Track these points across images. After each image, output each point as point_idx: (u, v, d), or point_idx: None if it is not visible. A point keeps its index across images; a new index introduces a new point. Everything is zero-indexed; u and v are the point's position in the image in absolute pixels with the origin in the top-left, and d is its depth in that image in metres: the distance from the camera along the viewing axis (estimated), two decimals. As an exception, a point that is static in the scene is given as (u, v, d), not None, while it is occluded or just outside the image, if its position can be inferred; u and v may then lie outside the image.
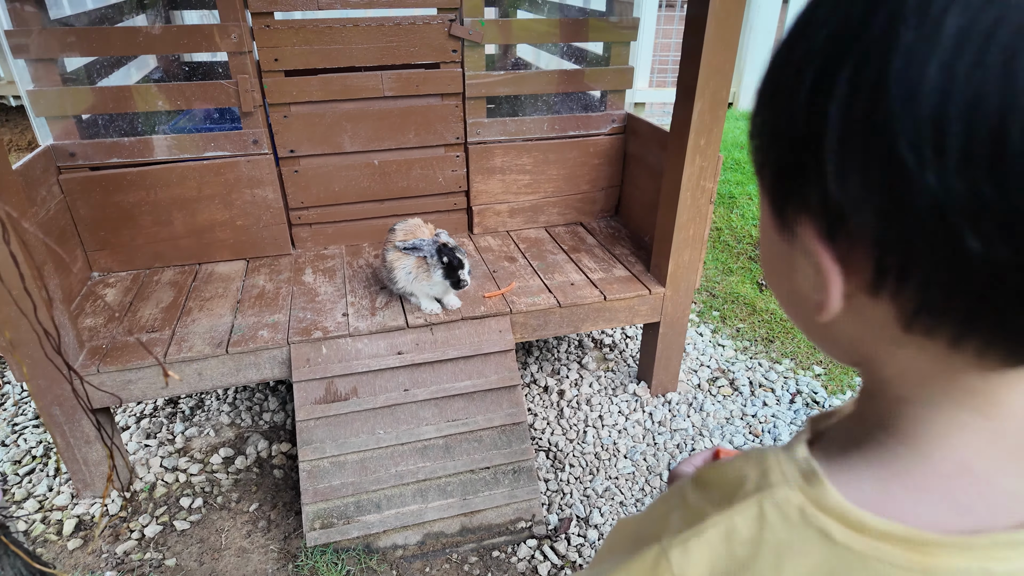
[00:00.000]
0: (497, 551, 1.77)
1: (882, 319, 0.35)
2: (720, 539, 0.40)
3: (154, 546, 1.76)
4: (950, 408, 0.37)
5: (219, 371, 1.81)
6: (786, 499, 0.38)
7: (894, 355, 0.37)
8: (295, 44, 2.04)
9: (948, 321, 0.32)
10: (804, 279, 0.39)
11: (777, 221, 0.39)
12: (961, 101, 0.27)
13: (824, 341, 0.43)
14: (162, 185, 2.09)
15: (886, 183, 0.30)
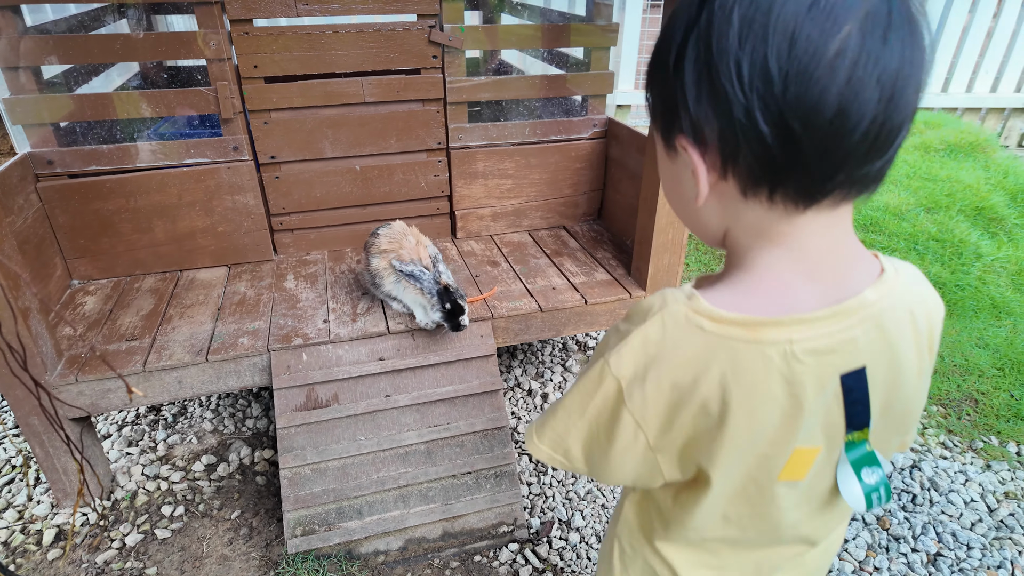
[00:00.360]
0: (479, 556, 1.78)
1: (730, 194, 0.60)
2: (640, 344, 0.64)
3: (135, 555, 1.75)
4: (770, 247, 0.61)
5: (199, 379, 1.81)
6: (677, 311, 0.63)
7: (739, 219, 0.62)
8: (275, 51, 2.04)
9: (763, 185, 0.56)
10: (686, 184, 0.63)
11: (666, 147, 0.64)
12: (746, 53, 0.51)
13: (700, 225, 0.68)
14: (142, 192, 2.09)
15: (717, 102, 0.54)
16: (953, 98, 4.94)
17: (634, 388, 0.65)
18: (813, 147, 0.52)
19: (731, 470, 0.68)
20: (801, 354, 0.60)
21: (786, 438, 0.65)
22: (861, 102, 0.50)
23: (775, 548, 0.80)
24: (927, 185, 3.14)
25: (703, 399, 0.63)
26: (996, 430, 2.22)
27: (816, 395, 0.63)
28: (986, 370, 2.42)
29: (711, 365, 0.61)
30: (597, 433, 0.71)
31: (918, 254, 2.83)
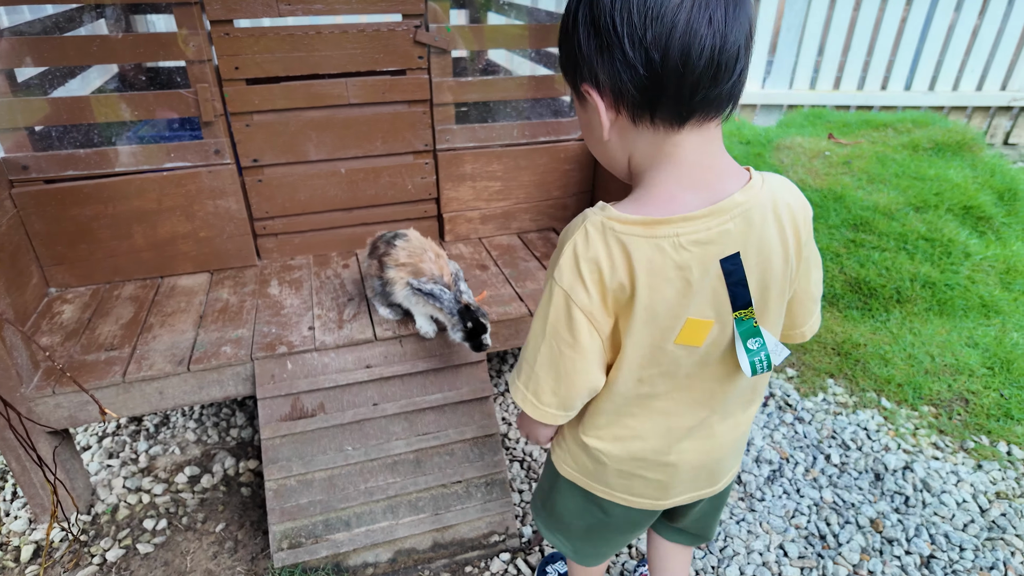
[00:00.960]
0: (470, 566, 1.75)
1: (624, 125, 0.81)
2: (571, 253, 0.84)
3: (116, 571, 1.70)
4: (659, 166, 0.82)
5: (181, 389, 1.76)
6: (595, 219, 0.83)
7: (636, 145, 0.83)
8: (256, 52, 1.99)
9: (645, 110, 0.77)
10: (595, 126, 0.84)
11: (577, 97, 0.86)
12: (617, 10, 0.72)
13: (610, 158, 0.89)
14: (120, 197, 2.03)
15: (603, 49, 0.75)
16: (940, 96, 4.96)
17: (575, 288, 0.84)
18: (672, 74, 0.73)
19: (640, 337, 0.87)
20: (687, 244, 0.81)
21: (679, 311, 0.85)
22: (700, 37, 0.71)
23: (683, 413, 0.98)
24: (916, 184, 3.14)
25: (619, 281, 0.83)
26: (987, 429, 2.21)
27: (701, 276, 0.83)
28: (976, 369, 2.42)
29: (621, 255, 0.82)
30: (559, 346, 0.89)
31: (908, 254, 2.83)
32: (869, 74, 4.94)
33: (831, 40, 4.79)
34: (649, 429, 1.00)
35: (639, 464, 1.04)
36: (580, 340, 0.87)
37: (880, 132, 3.69)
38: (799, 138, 3.63)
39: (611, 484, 1.09)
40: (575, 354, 0.89)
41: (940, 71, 4.94)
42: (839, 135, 3.69)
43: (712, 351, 0.91)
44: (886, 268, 2.77)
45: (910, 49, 4.85)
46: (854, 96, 4.94)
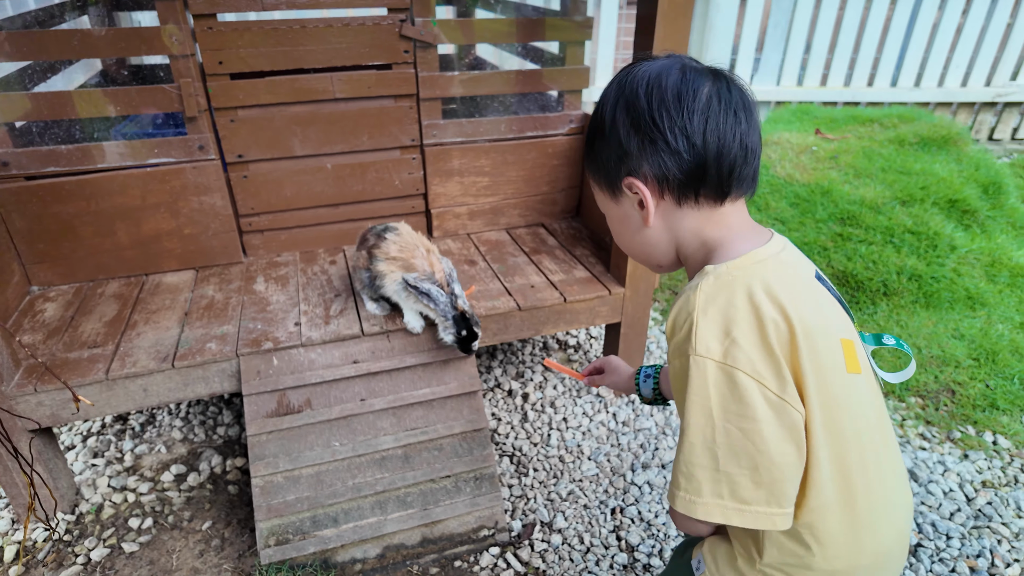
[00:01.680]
0: (459, 561, 1.74)
1: (669, 208, 0.87)
2: (706, 323, 0.80)
3: (101, 570, 1.68)
4: (710, 232, 0.88)
5: (166, 386, 1.75)
6: (709, 282, 0.84)
7: (680, 224, 0.88)
8: (240, 46, 1.98)
9: (689, 191, 0.85)
10: (633, 218, 0.91)
11: (612, 196, 0.92)
12: (656, 109, 0.82)
13: (652, 247, 0.92)
14: (103, 194, 2.01)
15: (645, 143, 0.83)
16: (925, 93, 5.00)
17: (730, 350, 0.78)
18: (712, 156, 0.82)
19: (816, 370, 0.79)
20: (787, 260, 0.86)
21: (826, 329, 0.82)
22: (729, 127, 0.82)
23: (872, 471, 0.86)
24: (902, 178, 3.16)
25: (771, 318, 0.79)
26: (973, 420, 2.23)
27: (815, 288, 0.86)
28: (962, 361, 2.44)
29: (757, 291, 0.80)
30: (733, 431, 0.78)
31: (895, 247, 2.85)
32: (856, 71, 4.98)
33: (818, 37, 4.82)
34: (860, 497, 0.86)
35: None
36: (759, 419, 0.78)
37: (866, 127, 3.71)
38: (787, 134, 3.65)
39: None
40: (758, 424, 0.78)
41: (926, 68, 4.98)
42: (826, 130, 3.71)
43: (871, 377, 0.89)
44: (873, 261, 2.79)
45: (896, 46, 4.89)
46: (841, 92, 4.96)
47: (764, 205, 3.12)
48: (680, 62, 0.84)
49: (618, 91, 0.86)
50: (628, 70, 0.87)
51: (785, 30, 4.79)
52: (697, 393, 0.78)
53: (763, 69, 4.96)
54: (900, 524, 0.92)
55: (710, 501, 0.80)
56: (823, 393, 0.79)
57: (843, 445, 0.82)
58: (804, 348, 0.78)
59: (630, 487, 1.97)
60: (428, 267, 1.78)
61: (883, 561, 0.90)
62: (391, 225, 1.89)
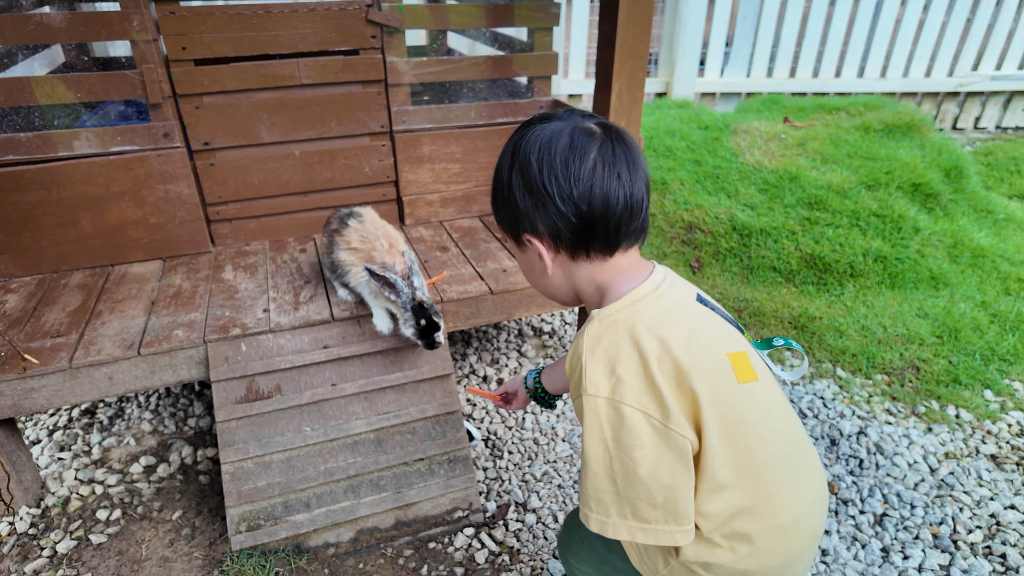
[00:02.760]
0: (433, 542, 1.74)
1: (565, 261, 0.95)
2: (594, 365, 0.87)
3: (67, 562, 1.65)
4: (602, 278, 0.95)
5: (132, 374, 1.72)
6: (594, 326, 0.91)
7: (577, 275, 0.96)
8: (203, 31, 1.95)
9: (581, 248, 0.92)
10: (537, 265, 0.97)
11: (515, 243, 0.99)
12: (546, 176, 0.89)
13: (554, 289, 1.01)
14: (65, 183, 1.98)
15: (539, 207, 0.91)
16: (891, 83, 5.11)
17: (616, 387, 0.85)
18: (598, 219, 0.89)
19: (707, 389, 0.85)
20: (664, 292, 0.93)
21: (711, 348, 0.89)
22: (613, 190, 0.88)
23: (785, 475, 0.92)
24: (867, 164, 3.23)
25: (652, 351, 0.85)
26: (936, 395, 2.29)
27: (694, 313, 0.93)
28: (926, 338, 2.50)
29: (636, 329, 0.87)
30: (627, 460, 0.84)
31: (861, 230, 2.91)
32: (823, 63, 5.07)
33: (786, 30, 4.90)
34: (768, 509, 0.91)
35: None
36: (644, 445, 0.85)
37: (833, 115, 3.78)
38: (756, 122, 3.70)
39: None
40: (645, 451, 0.85)
41: (891, 59, 5.09)
42: (794, 119, 3.77)
43: (769, 383, 0.94)
44: (840, 244, 2.84)
45: (861, 38, 4.99)
46: (810, 83, 5.05)
47: (734, 191, 3.17)
48: (571, 125, 0.90)
49: (512, 155, 0.93)
50: (523, 133, 0.93)
51: (754, 23, 4.86)
52: (592, 427, 0.86)
53: (733, 61, 5.02)
54: (814, 525, 0.97)
55: (618, 521, 0.88)
56: (717, 408, 0.85)
57: (748, 453, 0.88)
58: (691, 372, 0.84)
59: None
60: (390, 260, 1.75)
61: (794, 562, 0.95)
62: (356, 211, 1.88)
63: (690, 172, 3.32)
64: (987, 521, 1.81)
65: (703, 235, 3.03)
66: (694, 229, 3.06)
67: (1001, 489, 1.91)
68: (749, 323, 2.64)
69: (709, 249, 2.99)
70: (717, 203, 3.11)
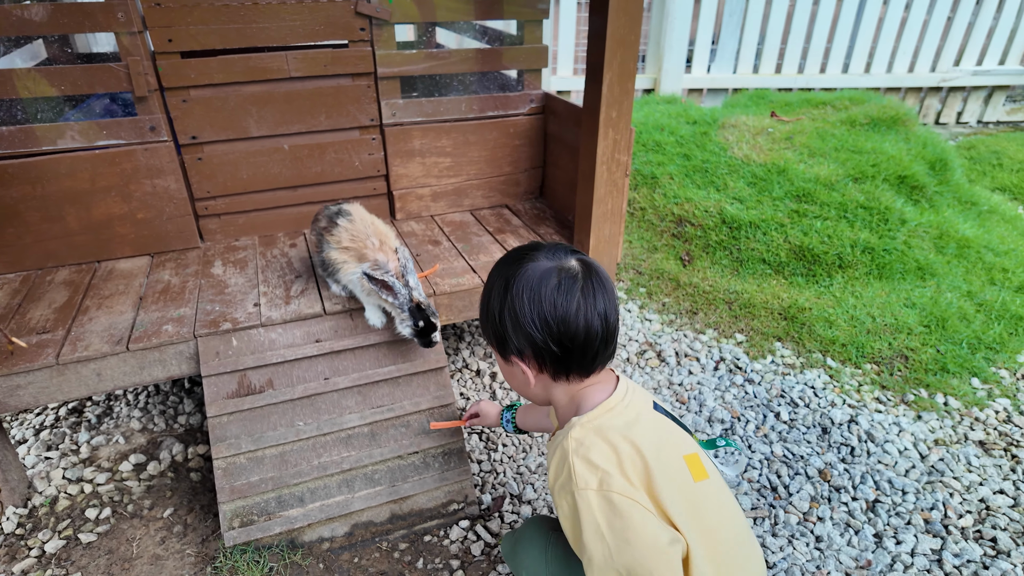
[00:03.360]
0: (429, 535, 1.73)
1: (546, 380, 1.12)
2: (579, 462, 1.00)
3: (56, 562, 1.63)
4: (578, 393, 1.12)
5: (121, 370, 1.70)
6: (579, 433, 1.05)
7: (555, 391, 1.14)
8: (190, 23, 1.93)
9: (561, 373, 1.09)
10: (518, 376, 1.14)
11: (501, 357, 1.15)
12: (534, 313, 1.03)
13: (533, 396, 1.17)
14: (50, 178, 1.95)
15: (524, 338, 1.06)
16: (875, 78, 5.17)
17: (603, 479, 0.96)
18: (578, 351, 1.04)
19: (672, 489, 0.96)
20: (631, 402, 1.08)
21: (670, 451, 1.02)
22: (594, 325, 1.02)
23: (740, 565, 1.04)
24: (854, 157, 3.26)
25: (623, 451, 0.99)
26: (925, 383, 2.31)
27: (654, 422, 1.07)
28: (914, 328, 2.53)
29: (609, 432, 1.02)
30: (623, 545, 0.93)
31: (848, 222, 2.93)
32: (808, 59, 5.11)
33: (771, 27, 4.93)
34: None
35: None
36: (635, 526, 0.94)
37: (819, 110, 3.81)
38: (743, 117, 3.73)
39: None
40: (641, 533, 0.95)
41: (875, 56, 5.14)
42: (781, 113, 3.80)
43: (718, 482, 1.07)
44: (828, 236, 2.87)
45: (845, 35, 5.04)
46: (795, 79, 5.09)
47: (723, 185, 3.18)
48: (558, 265, 1.03)
49: (503, 293, 1.05)
50: (513, 271, 1.04)
51: (740, 20, 4.89)
52: (588, 521, 0.95)
53: (720, 58, 5.05)
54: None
55: None
56: (680, 505, 0.96)
57: (712, 543, 0.99)
58: (656, 472, 0.96)
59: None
60: (383, 258, 1.74)
61: None
62: (344, 208, 1.86)
63: (679, 166, 3.33)
64: (977, 506, 1.83)
65: (693, 228, 3.04)
66: (684, 223, 3.08)
67: (990, 474, 1.94)
68: (740, 315, 2.65)
69: (699, 242, 3.00)
70: (706, 197, 3.13)
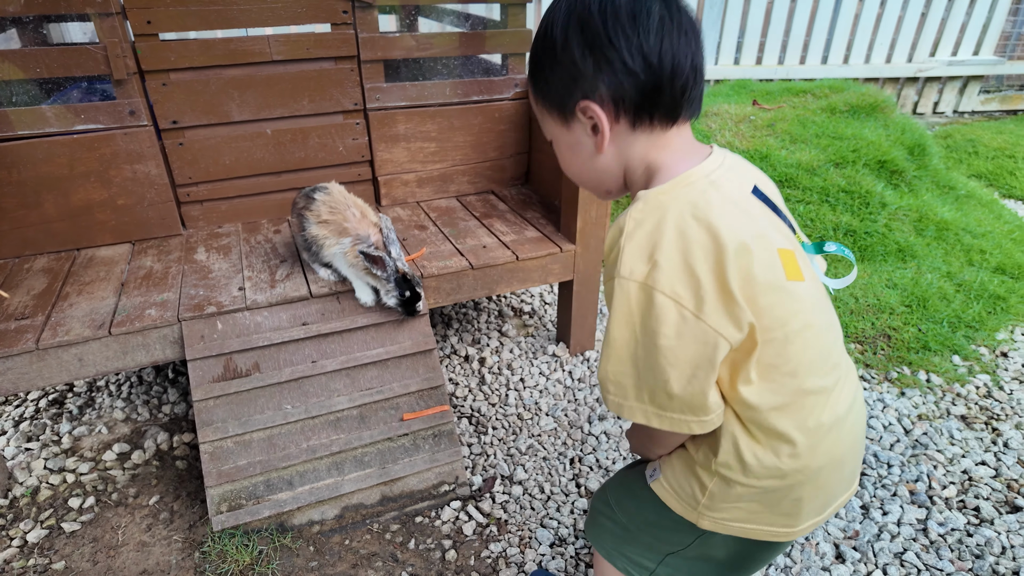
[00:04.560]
0: (420, 516, 1.73)
1: (622, 132, 0.85)
2: (633, 247, 0.82)
3: (39, 551, 1.59)
4: (657, 157, 0.87)
5: (103, 355, 1.67)
6: (640, 206, 0.84)
7: (631, 149, 0.87)
8: (169, 5, 1.90)
9: (644, 113, 0.83)
10: (583, 145, 0.89)
11: (561, 120, 0.89)
12: (611, 28, 0.78)
13: (600, 174, 0.92)
14: (25, 163, 1.90)
15: (602, 64, 0.80)
16: (853, 69, 5.23)
17: (651, 272, 0.79)
18: (667, 76, 0.80)
19: (749, 285, 0.80)
20: (719, 179, 0.85)
21: (762, 241, 0.83)
22: (680, 47, 0.80)
23: (824, 374, 0.89)
24: (835, 143, 3.30)
25: (696, 240, 0.79)
26: (908, 361, 2.34)
27: (748, 203, 0.86)
28: (896, 308, 2.56)
29: (683, 215, 0.81)
30: (651, 346, 0.81)
31: (830, 206, 2.97)
32: (788, 52, 5.17)
33: (751, 22, 4.98)
34: (808, 408, 0.88)
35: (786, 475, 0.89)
36: (667, 334, 0.81)
37: (800, 98, 3.85)
38: (726, 105, 3.75)
39: (733, 512, 0.94)
40: (669, 340, 0.81)
41: (852, 48, 5.21)
42: (763, 101, 3.84)
43: (816, 285, 0.90)
44: (811, 219, 2.90)
45: (824, 28, 5.10)
46: (775, 70, 5.14)
47: (707, 172, 3.20)
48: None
49: (568, 10, 0.82)
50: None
51: (720, 13, 4.93)
52: (621, 310, 0.82)
53: (702, 49, 5.09)
54: (854, 429, 0.94)
55: (635, 404, 0.86)
56: (756, 305, 0.80)
57: (786, 351, 0.84)
58: (732, 264, 0.78)
59: (587, 438, 1.99)
60: (364, 231, 1.74)
61: (837, 466, 0.92)
62: (320, 185, 1.86)
63: (663, 154, 3.34)
64: (960, 477, 1.86)
65: (678, 214, 3.06)
66: (669, 209, 3.09)
67: (972, 447, 1.97)
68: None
69: (684, 228, 3.02)
70: (691, 183, 3.15)
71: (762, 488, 0.89)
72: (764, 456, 0.87)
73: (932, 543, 1.66)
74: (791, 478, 0.88)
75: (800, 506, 0.92)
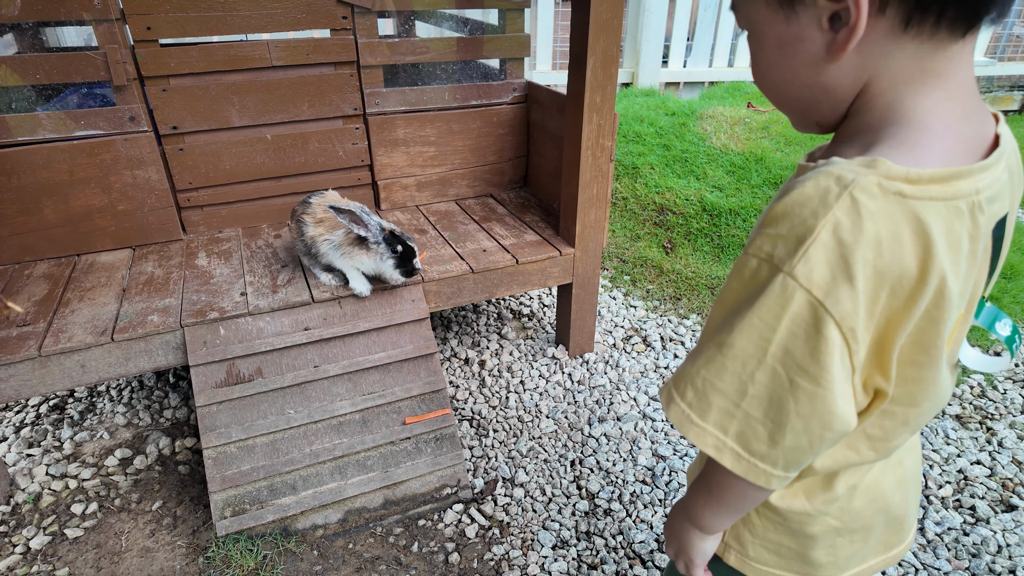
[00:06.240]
0: (423, 520, 1.74)
1: (881, 34, 0.54)
2: (830, 235, 0.53)
3: (42, 558, 1.60)
4: (926, 91, 0.56)
5: (105, 361, 1.67)
6: (868, 182, 0.52)
7: (888, 63, 0.56)
8: (168, 10, 1.91)
9: (932, 8, 0.52)
10: (809, 44, 0.58)
11: (783, 8, 0.58)
12: None
13: (822, 93, 0.60)
14: (25, 169, 1.90)
15: None
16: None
17: (839, 293, 0.53)
18: None
19: (913, 348, 0.59)
20: (984, 203, 0.55)
21: (960, 300, 0.59)
22: None
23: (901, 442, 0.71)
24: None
25: (899, 275, 0.54)
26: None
27: (982, 249, 0.59)
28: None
29: (912, 235, 0.53)
30: (782, 379, 0.58)
31: (825, 208, 3.00)
32: (782, 52, 5.20)
33: (746, 19, 5.02)
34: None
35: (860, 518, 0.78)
36: (829, 368, 0.57)
37: (795, 100, 3.89)
38: (721, 108, 3.78)
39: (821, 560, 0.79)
40: (818, 389, 0.57)
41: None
42: (757, 104, 3.87)
43: (953, 349, 0.71)
44: (806, 221, 2.92)
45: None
46: (770, 73, 5.18)
47: (703, 174, 3.23)
48: None
49: None
50: None
51: (715, 15, 4.96)
52: (763, 317, 0.57)
53: (696, 52, 5.11)
54: (917, 485, 0.86)
55: (710, 430, 0.63)
56: (903, 375, 0.62)
57: (892, 429, 0.68)
58: (914, 316, 0.56)
59: (588, 440, 2.00)
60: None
61: (896, 526, 0.84)
62: (316, 191, 1.92)
63: (659, 156, 3.37)
64: (955, 476, 1.89)
65: (674, 216, 3.08)
66: (665, 211, 3.11)
67: (967, 446, 2.00)
68: (723, 300, 2.69)
69: (681, 230, 3.04)
70: (687, 185, 3.17)
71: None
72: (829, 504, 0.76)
73: (929, 542, 1.68)
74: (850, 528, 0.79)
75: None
